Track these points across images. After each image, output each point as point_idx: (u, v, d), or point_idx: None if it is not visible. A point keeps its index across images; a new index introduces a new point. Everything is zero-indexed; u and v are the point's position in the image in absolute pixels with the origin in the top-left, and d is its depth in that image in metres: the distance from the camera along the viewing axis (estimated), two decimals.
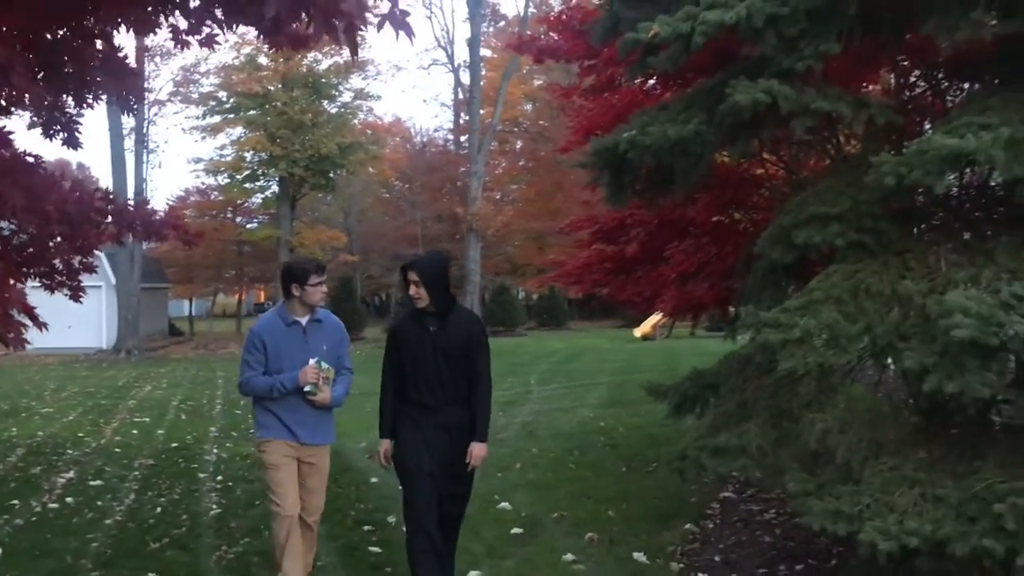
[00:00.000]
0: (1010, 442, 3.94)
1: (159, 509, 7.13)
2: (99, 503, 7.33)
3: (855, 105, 4.39)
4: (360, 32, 2.69)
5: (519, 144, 43.64)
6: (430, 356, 4.61)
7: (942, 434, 4.13)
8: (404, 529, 4.74)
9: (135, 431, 11.64)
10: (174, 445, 10.34)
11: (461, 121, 42.21)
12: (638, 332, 28.39)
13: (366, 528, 6.37)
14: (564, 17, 7.40)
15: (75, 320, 24.60)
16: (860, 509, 3.77)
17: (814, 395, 4.38)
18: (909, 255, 4.26)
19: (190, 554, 5.84)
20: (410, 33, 2.45)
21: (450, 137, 45.99)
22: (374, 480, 7.76)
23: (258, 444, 4.96)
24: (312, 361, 4.74)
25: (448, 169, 41.78)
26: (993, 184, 4.40)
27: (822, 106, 4.23)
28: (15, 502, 7.32)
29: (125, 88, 4.73)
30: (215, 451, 9.91)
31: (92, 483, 8.14)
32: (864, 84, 6.56)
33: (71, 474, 8.61)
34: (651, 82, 7.20)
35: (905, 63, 6.07)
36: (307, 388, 4.72)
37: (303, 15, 2.76)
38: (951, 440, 4.08)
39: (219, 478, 8.35)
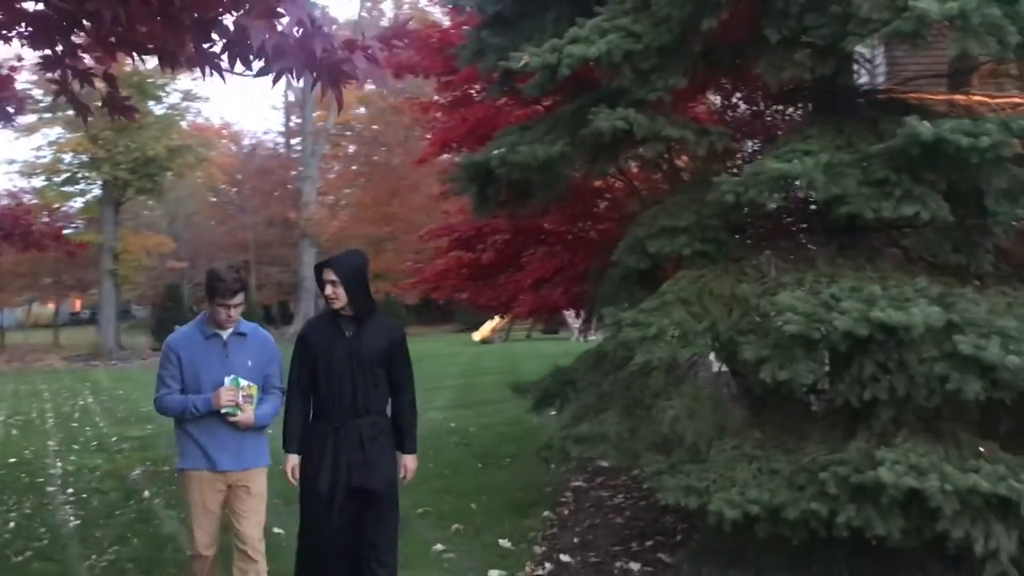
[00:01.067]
0: (827, 422, 4.60)
1: (12, 524, 6.95)
2: None
3: (699, 132, 4.98)
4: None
5: (352, 148, 43.31)
6: (344, 363, 4.28)
7: (774, 418, 4.76)
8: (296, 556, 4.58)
9: None
10: (12, 460, 9.92)
11: (292, 124, 41.52)
12: (477, 336, 28.86)
13: None
14: (422, 35, 7.76)
15: None
16: (708, 484, 4.34)
17: (664, 386, 4.90)
18: (745, 262, 4.88)
19: (59, 565, 5.79)
20: (385, 84, 2.74)
21: (281, 140, 45.13)
22: None
23: (179, 475, 4.50)
24: (227, 380, 4.22)
25: (279, 173, 40.98)
26: (812, 201, 5.09)
27: (672, 133, 4.78)
28: None
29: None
30: (59, 464, 9.58)
31: None
32: (693, 104, 7.26)
33: None
34: (502, 100, 7.66)
35: (728, 87, 6.81)
36: (225, 410, 4.21)
37: (308, 73, 2.96)
38: (781, 422, 4.71)
39: (70, 491, 8.14)
